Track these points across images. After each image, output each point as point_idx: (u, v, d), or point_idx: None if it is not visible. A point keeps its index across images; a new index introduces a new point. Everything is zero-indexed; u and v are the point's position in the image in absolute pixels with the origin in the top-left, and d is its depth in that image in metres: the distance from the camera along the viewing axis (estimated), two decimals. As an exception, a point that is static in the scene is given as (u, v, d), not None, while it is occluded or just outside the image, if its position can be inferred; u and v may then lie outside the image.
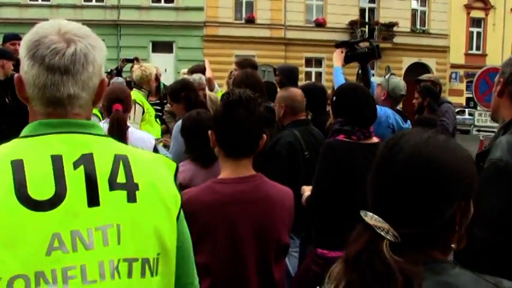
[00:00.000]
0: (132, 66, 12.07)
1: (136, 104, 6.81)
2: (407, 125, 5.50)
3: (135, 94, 6.99)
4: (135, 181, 1.55)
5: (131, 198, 1.53)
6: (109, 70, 11.78)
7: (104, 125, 4.35)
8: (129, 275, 1.49)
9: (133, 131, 4.48)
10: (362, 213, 1.36)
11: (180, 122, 4.63)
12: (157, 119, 7.78)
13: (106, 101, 4.51)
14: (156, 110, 8.13)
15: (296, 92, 5.01)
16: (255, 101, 2.58)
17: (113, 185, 1.51)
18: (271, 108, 5.19)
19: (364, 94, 4.02)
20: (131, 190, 1.54)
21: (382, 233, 1.31)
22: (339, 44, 5.68)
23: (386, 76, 5.82)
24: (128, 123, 4.54)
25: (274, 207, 2.59)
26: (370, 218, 1.34)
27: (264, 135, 2.62)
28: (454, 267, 1.34)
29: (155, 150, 4.55)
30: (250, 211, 2.53)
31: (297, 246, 4.89)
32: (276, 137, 4.77)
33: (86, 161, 1.49)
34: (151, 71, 7.36)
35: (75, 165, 1.48)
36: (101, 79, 1.61)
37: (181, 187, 3.79)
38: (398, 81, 5.76)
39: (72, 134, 1.53)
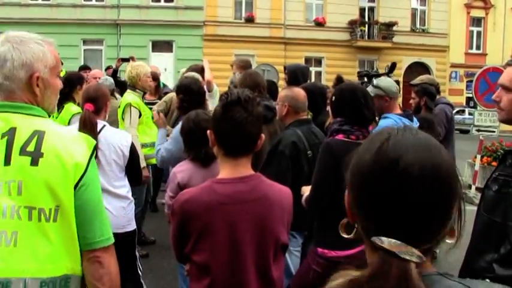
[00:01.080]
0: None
1: (132, 108, 6.77)
2: (415, 124, 5.35)
3: (130, 97, 6.93)
4: (41, 150, 2.11)
5: (34, 163, 2.09)
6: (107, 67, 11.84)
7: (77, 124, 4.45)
8: (29, 218, 2.05)
9: (108, 130, 4.55)
10: (376, 240, 1.21)
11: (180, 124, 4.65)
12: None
13: (81, 101, 4.69)
14: (155, 110, 8.12)
15: (299, 91, 5.02)
16: (254, 100, 2.59)
17: (21, 152, 2.10)
18: (270, 106, 5.21)
19: (363, 94, 4.03)
20: (35, 156, 2.10)
21: (407, 257, 1.18)
22: (362, 74, 5.55)
23: (373, 82, 5.43)
24: (104, 124, 4.58)
25: (272, 207, 2.60)
26: (388, 243, 1.19)
27: (263, 135, 2.64)
28: (443, 278, 1.25)
29: (132, 148, 4.62)
30: (249, 211, 2.54)
31: (299, 245, 4.91)
32: (279, 137, 4.79)
33: (10, 133, 2.12)
34: (138, 70, 7.11)
35: (3, 135, 2.12)
36: (29, 74, 2.17)
37: (179, 187, 3.85)
38: (381, 81, 5.49)
39: (7, 113, 2.16)
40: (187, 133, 4.19)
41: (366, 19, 33.80)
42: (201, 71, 7.95)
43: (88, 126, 4.25)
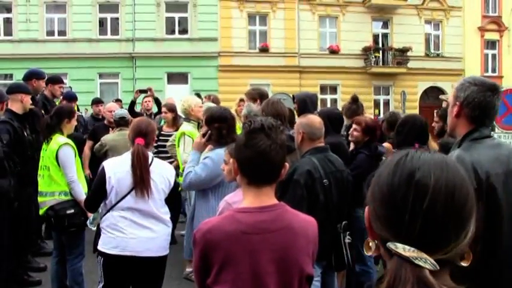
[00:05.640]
0: (144, 97, 12.47)
1: (186, 136, 7.41)
2: None
3: (185, 127, 7.71)
4: None
5: None
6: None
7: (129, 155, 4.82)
8: None
9: (158, 162, 4.96)
10: (391, 245, 1.28)
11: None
12: None
13: (131, 133, 4.94)
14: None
15: (314, 118, 5.01)
16: (277, 128, 2.56)
17: None
18: (291, 136, 5.19)
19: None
20: None
21: (421, 263, 1.24)
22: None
23: None
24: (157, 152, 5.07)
25: (297, 237, 2.55)
26: (403, 249, 1.26)
27: (287, 164, 2.60)
28: None
29: (175, 177, 5.13)
30: (272, 241, 2.49)
31: (318, 275, 4.84)
32: (294, 165, 4.75)
33: None
34: (189, 102, 7.95)
35: None
36: None
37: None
38: None
39: None
40: None
41: (380, 45, 33.83)
42: (213, 100, 8.31)
43: (141, 160, 4.67)
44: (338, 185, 4.80)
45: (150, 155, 4.88)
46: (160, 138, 8.95)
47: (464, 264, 1.33)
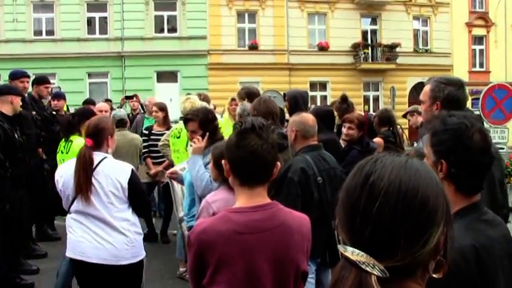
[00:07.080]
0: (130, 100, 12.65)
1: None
2: None
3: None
4: None
5: None
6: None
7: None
8: None
9: (108, 162, 4.55)
10: (341, 248, 1.24)
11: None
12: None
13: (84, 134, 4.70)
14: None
15: (307, 116, 5.02)
16: (268, 128, 2.57)
17: None
18: (283, 134, 5.20)
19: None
20: None
21: (368, 269, 1.18)
22: None
23: None
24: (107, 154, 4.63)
25: (291, 235, 2.55)
26: (351, 253, 1.21)
27: (278, 163, 2.61)
28: None
29: (133, 180, 4.57)
30: (266, 239, 2.49)
31: (313, 273, 4.85)
32: (288, 163, 4.76)
33: None
34: (198, 103, 7.50)
35: None
36: None
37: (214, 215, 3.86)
38: None
39: None
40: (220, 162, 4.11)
41: (369, 42, 33.90)
42: (204, 99, 8.22)
43: (82, 161, 4.38)
44: (331, 182, 4.82)
45: (101, 155, 4.54)
46: (152, 137, 8.93)
47: (436, 276, 1.28)
